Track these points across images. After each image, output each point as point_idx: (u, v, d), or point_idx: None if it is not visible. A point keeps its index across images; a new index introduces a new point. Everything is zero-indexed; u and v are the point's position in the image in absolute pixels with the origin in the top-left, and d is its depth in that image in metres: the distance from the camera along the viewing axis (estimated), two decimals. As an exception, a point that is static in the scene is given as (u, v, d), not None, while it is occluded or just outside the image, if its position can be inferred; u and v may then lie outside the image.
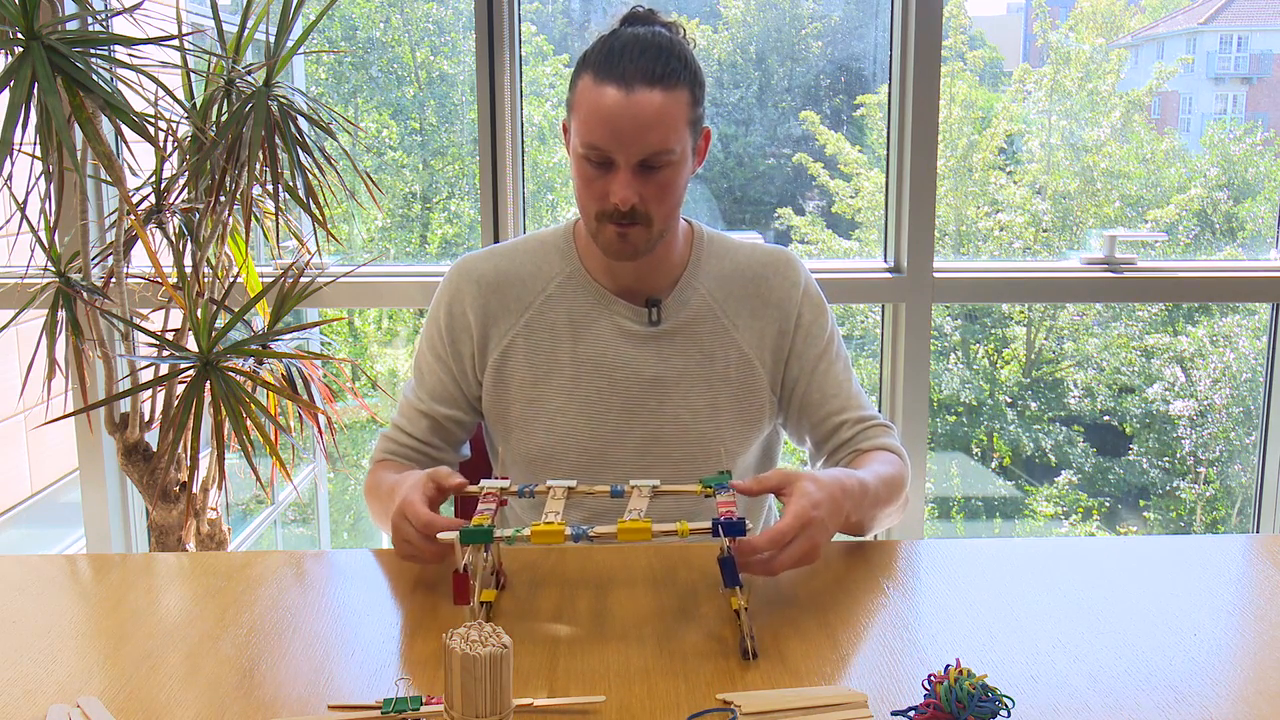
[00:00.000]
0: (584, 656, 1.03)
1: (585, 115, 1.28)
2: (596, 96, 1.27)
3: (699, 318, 1.43)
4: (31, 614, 1.14)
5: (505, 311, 1.44)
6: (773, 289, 1.46)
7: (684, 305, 1.43)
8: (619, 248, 1.34)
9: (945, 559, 1.29)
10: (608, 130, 1.27)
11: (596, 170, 1.30)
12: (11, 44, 1.81)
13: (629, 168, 1.28)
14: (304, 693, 0.98)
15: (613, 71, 1.27)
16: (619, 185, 1.28)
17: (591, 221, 1.34)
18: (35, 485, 2.90)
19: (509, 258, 1.47)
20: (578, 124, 1.30)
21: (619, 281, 1.43)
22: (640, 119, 1.26)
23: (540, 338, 1.42)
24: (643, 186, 1.29)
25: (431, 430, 1.47)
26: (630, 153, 1.27)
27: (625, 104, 1.26)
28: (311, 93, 3.06)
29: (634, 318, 1.42)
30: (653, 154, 1.28)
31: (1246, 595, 1.20)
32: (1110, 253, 2.52)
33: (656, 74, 1.27)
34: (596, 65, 1.29)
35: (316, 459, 3.19)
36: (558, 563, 1.27)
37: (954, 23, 5.15)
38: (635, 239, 1.33)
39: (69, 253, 2.11)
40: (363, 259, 2.57)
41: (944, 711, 0.90)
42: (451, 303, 1.46)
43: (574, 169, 1.34)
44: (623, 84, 1.26)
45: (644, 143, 1.27)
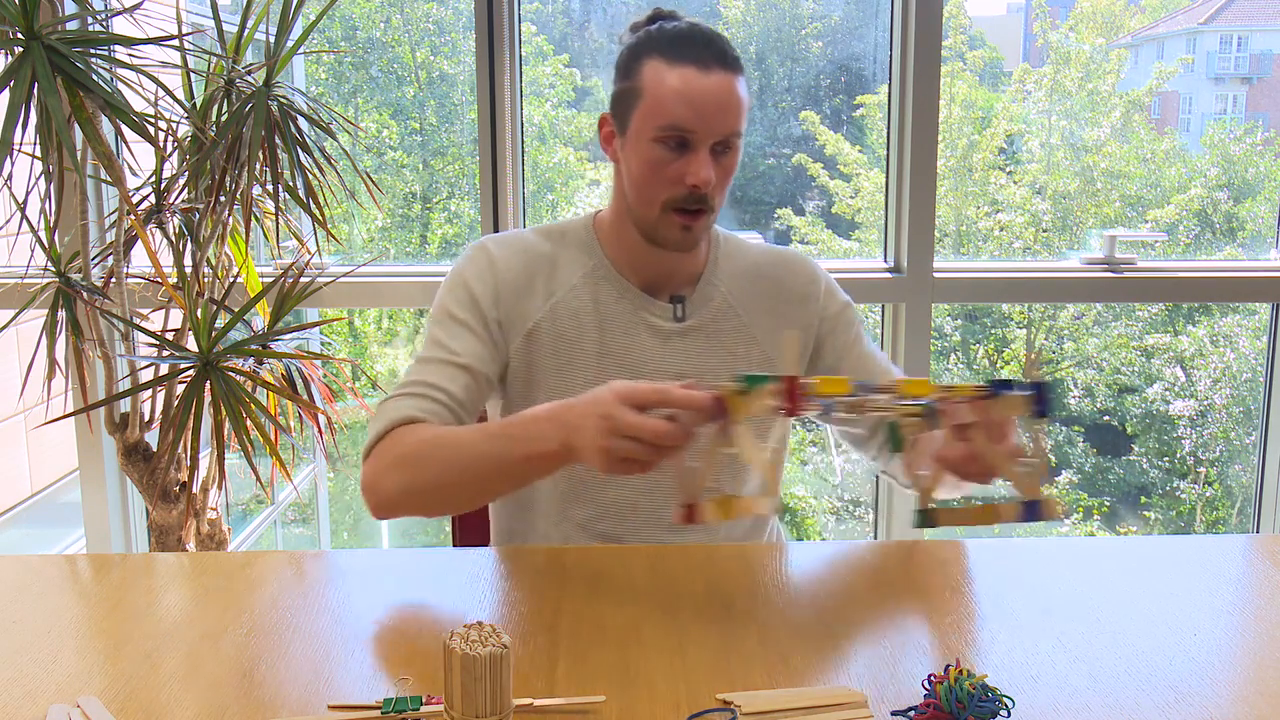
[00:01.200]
0: (584, 656, 1.03)
1: (664, 96, 1.27)
2: (677, 77, 1.27)
3: (721, 315, 1.42)
4: (31, 614, 1.14)
5: (533, 292, 1.39)
6: (789, 286, 1.46)
7: (707, 302, 1.42)
8: (681, 238, 1.33)
9: (945, 559, 1.29)
10: (691, 110, 1.26)
11: (670, 154, 1.29)
12: (11, 44, 1.81)
13: (706, 149, 1.28)
14: (304, 693, 0.98)
15: (686, 53, 1.27)
16: (700, 165, 1.28)
17: (654, 211, 1.32)
18: (35, 485, 2.90)
19: (535, 245, 1.43)
20: (650, 107, 1.28)
21: (643, 277, 1.41)
22: (720, 99, 1.27)
23: (566, 326, 1.39)
24: (714, 170, 1.30)
25: (468, 388, 1.33)
26: (711, 132, 1.27)
27: (707, 84, 1.26)
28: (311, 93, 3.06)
29: (659, 314, 1.40)
30: (729, 134, 1.29)
31: (1246, 595, 1.20)
32: (1110, 253, 2.52)
33: (728, 57, 1.29)
34: (665, 49, 1.29)
35: (316, 459, 3.19)
36: (557, 562, 1.27)
37: (954, 23, 5.15)
38: (698, 228, 1.33)
39: (69, 253, 2.11)
40: (363, 259, 2.57)
41: (944, 711, 0.90)
42: (485, 272, 1.39)
43: (639, 157, 1.31)
44: (700, 65, 1.27)
45: (724, 122, 1.28)
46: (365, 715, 0.93)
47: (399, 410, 1.29)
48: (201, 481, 2.17)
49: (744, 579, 1.21)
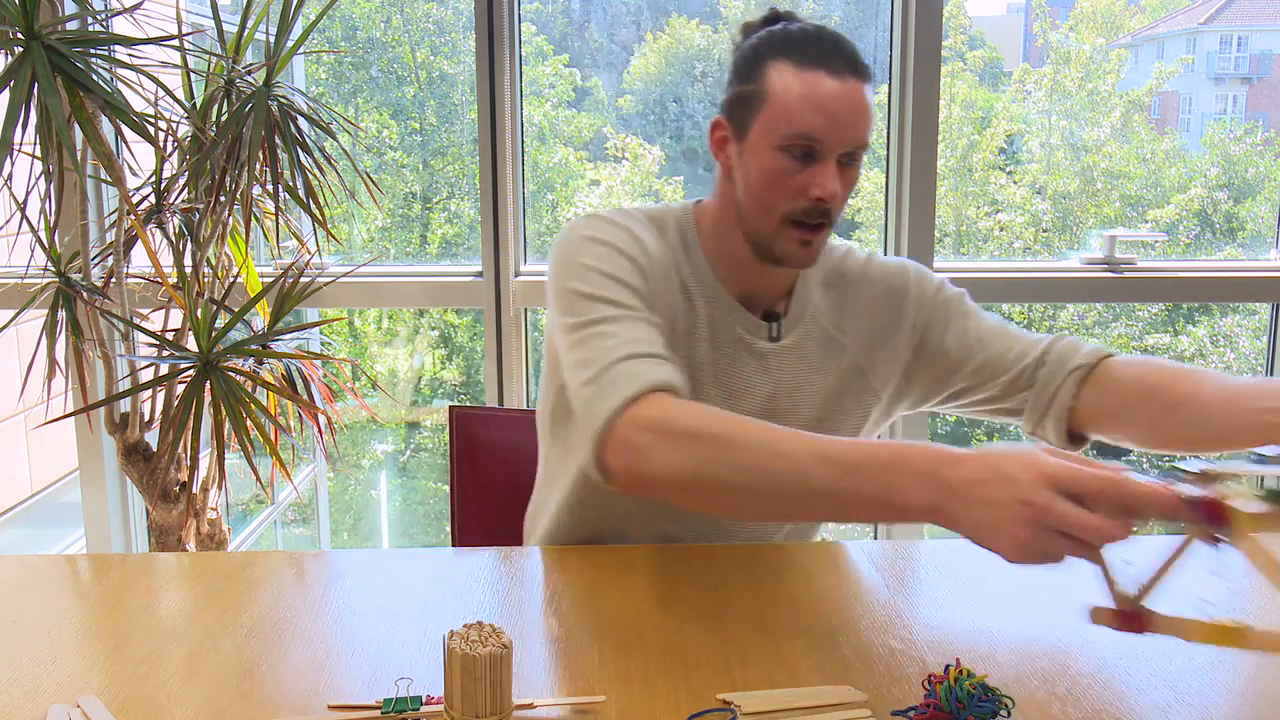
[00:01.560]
0: (584, 656, 1.03)
1: (792, 103, 1.19)
2: (808, 83, 1.19)
3: (810, 331, 1.35)
4: (31, 614, 1.14)
5: (668, 286, 1.28)
6: (880, 284, 1.38)
7: (800, 318, 1.35)
8: (800, 253, 1.25)
9: (945, 559, 1.29)
10: (824, 118, 1.19)
11: (795, 164, 1.21)
12: (11, 44, 1.81)
13: (833, 159, 1.21)
14: (304, 693, 0.98)
15: (817, 57, 1.20)
16: (827, 177, 1.20)
17: (772, 223, 1.24)
18: (35, 485, 2.90)
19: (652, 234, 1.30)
20: (776, 113, 1.20)
21: (741, 288, 1.32)
22: (854, 108, 1.20)
23: (682, 333, 1.30)
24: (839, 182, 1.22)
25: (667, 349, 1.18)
26: (842, 142, 1.20)
27: (841, 91, 1.19)
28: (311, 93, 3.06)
29: (757, 331, 1.32)
30: (858, 146, 1.21)
31: (1247, 595, 1.20)
32: (1110, 253, 2.52)
33: (860, 66, 1.21)
34: (793, 51, 1.21)
35: (316, 459, 3.19)
36: (558, 562, 1.27)
37: (954, 23, 5.15)
38: (818, 243, 1.25)
39: (69, 253, 2.11)
40: (363, 259, 2.58)
41: (944, 712, 0.90)
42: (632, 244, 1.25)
43: (760, 166, 1.22)
44: (833, 72, 1.19)
45: (856, 133, 1.20)
46: (365, 715, 0.93)
47: (651, 374, 1.10)
48: (201, 481, 2.17)
49: (744, 579, 1.21)
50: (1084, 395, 1.29)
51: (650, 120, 4.52)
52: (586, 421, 1.10)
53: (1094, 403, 1.29)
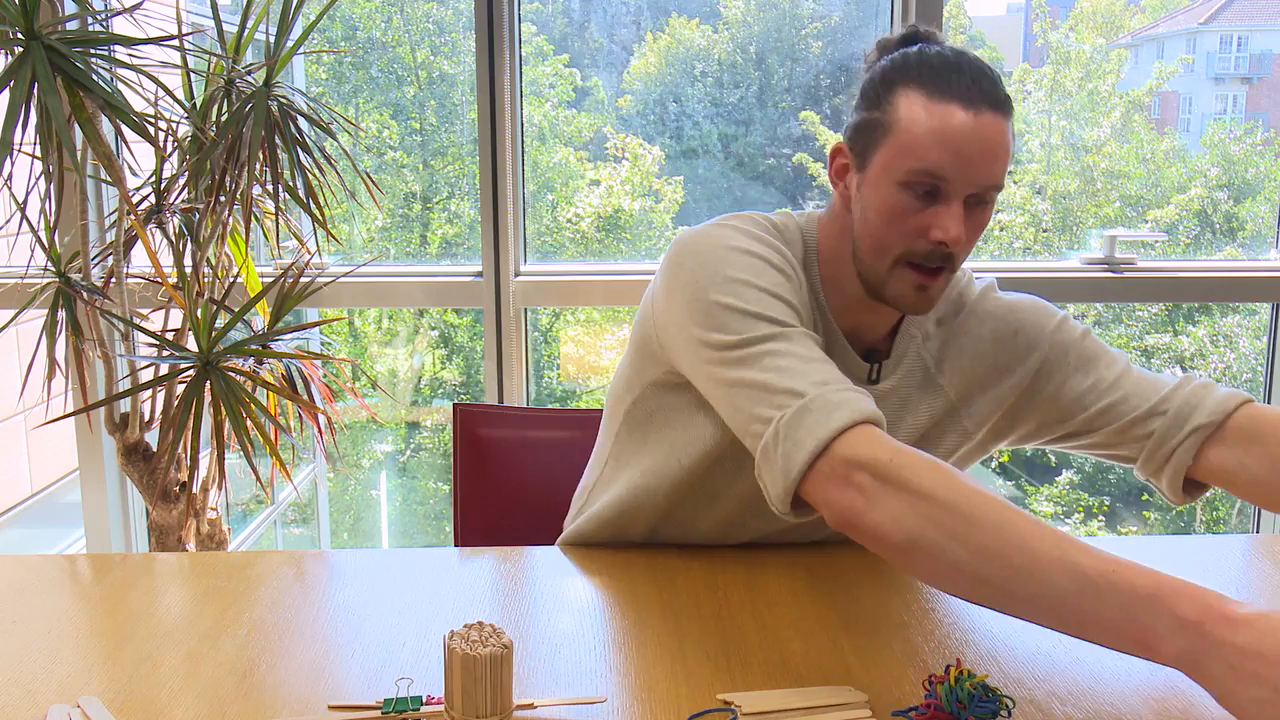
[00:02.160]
0: (584, 656, 1.03)
1: (919, 136, 1.10)
2: (939, 116, 1.09)
3: (912, 372, 1.27)
4: (31, 614, 1.14)
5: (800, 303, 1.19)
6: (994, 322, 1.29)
7: (901, 360, 1.27)
8: (915, 301, 1.16)
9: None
10: (951, 155, 1.09)
11: (917, 202, 1.12)
12: (11, 44, 1.81)
13: (960, 200, 1.11)
14: (304, 693, 0.98)
15: (952, 88, 1.10)
16: (951, 220, 1.10)
17: (886, 263, 1.15)
18: (35, 485, 2.90)
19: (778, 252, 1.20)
20: (902, 146, 1.11)
21: (849, 322, 1.24)
22: (987, 146, 1.10)
23: None
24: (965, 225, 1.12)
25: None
26: (971, 183, 1.10)
27: (974, 127, 1.09)
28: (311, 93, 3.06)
29: (857, 371, 1.24)
30: (988, 187, 1.12)
31: (1246, 595, 1.20)
32: (1110, 253, 2.52)
33: (1000, 99, 1.11)
34: (927, 80, 1.11)
35: (316, 459, 3.19)
36: (557, 562, 1.27)
37: (954, 23, 5.15)
38: (935, 291, 1.15)
39: (69, 253, 2.11)
40: (363, 259, 2.58)
41: (944, 712, 0.90)
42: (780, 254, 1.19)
43: (880, 200, 1.13)
44: (969, 105, 1.10)
45: (988, 173, 1.11)
46: (365, 715, 0.93)
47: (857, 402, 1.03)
48: (201, 481, 2.17)
49: (744, 579, 1.21)
50: (1209, 453, 1.20)
51: (650, 120, 4.53)
52: (787, 450, 1.02)
53: (1222, 459, 1.20)
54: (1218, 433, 1.19)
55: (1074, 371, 1.27)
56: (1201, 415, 1.19)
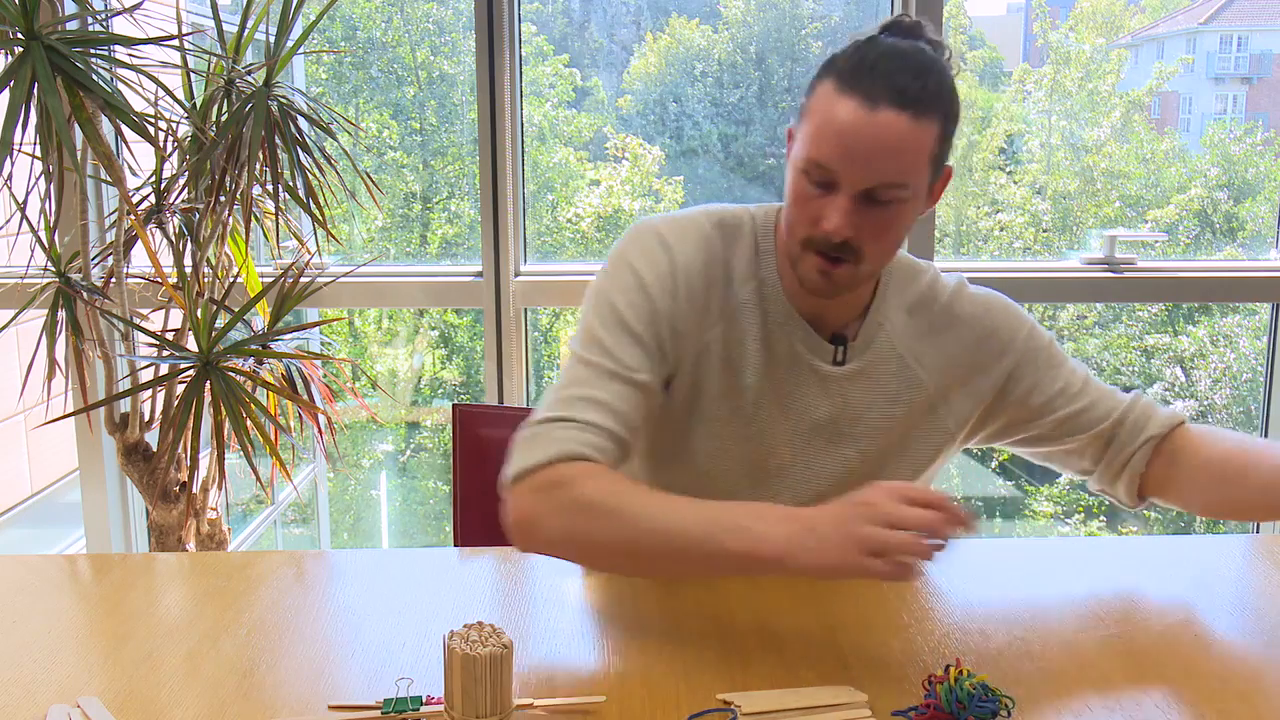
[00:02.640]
0: (584, 657, 1.03)
1: (816, 126, 1.12)
2: (834, 108, 1.11)
3: (884, 358, 1.28)
4: (31, 614, 1.14)
5: (709, 307, 1.24)
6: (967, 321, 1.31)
7: (870, 344, 1.28)
8: (818, 283, 1.18)
9: (945, 559, 1.29)
10: (838, 149, 1.10)
11: (814, 190, 1.14)
12: (11, 44, 1.81)
13: (851, 195, 1.12)
14: (304, 693, 0.98)
15: (860, 83, 1.10)
16: (835, 212, 1.12)
17: (796, 246, 1.18)
18: (35, 485, 2.90)
19: (713, 244, 1.25)
20: (805, 134, 1.14)
21: (808, 306, 1.26)
22: (878, 143, 1.10)
23: (733, 350, 1.25)
24: (862, 219, 1.13)
25: (639, 407, 1.19)
26: (857, 179, 1.11)
27: (866, 124, 1.09)
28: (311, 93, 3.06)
29: (820, 353, 1.26)
30: (881, 185, 1.11)
31: (1246, 595, 1.20)
32: (1110, 253, 2.52)
33: (909, 96, 1.10)
34: (843, 73, 1.12)
35: (316, 459, 3.19)
36: (557, 562, 1.27)
37: (954, 23, 5.15)
38: (839, 278, 1.17)
39: (69, 253, 2.11)
40: (363, 259, 2.58)
41: (944, 712, 0.90)
42: (672, 275, 1.22)
43: (790, 184, 1.17)
44: (868, 101, 1.09)
45: (875, 170, 1.11)
46: (365, 716, 0.93)
47: (569, 443, 1.13)
48: (201, 481, 2.17)
49: (744, 579, 1.21)
50: (1155, 463, 1.30)
51: (650, 120, 4.53)
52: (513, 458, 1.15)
53: (1163, 472, 1.29)
54: (1163, 445, 1.30)
55: (1043, 377, 1.31)
56: (1153, 426, 1.30)
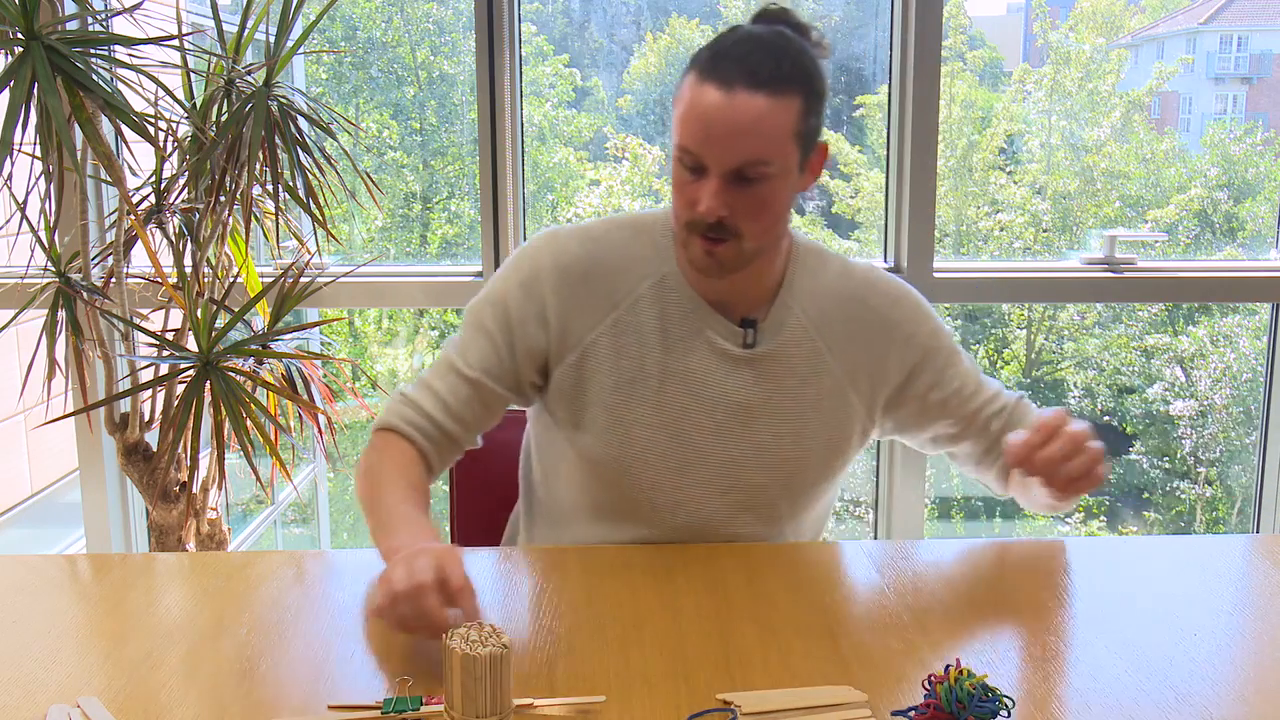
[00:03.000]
0: (584, 656, 1.03)
1: (681, 114, 1.20)
2: (695, 95, 1.18)
3: (794, 341, 1.33)
4: (31, 614, 1.14)
5: (592, 307, 1.31)
6: (876, 311, 1.36)
7: (780, 327, 1.33)
8: (705, 262, 1.24)
9: (945, 559, 1.29)
10: (700, 133, 1.18)
11: (689, 175, 1.21)
12: (11, 44, 1.81)
13: (720, 177, 1.18)
14: (304, 693, 0.98)
15: (716, 70, 1.17)
16: (707, 194, 1.19)
17: (681, 229, 1.25)
18: (35, 485, 2.90)
19: (603, 244, 1.33)
20: (675, 123, 1.21)
21: (715, 291, 1.31)
22: (736, 125, 1.16)
23: (627, 341, 1.31)
24: (734, 198, 1.19)
25: (470, 402, 1.32)
26: (721, 160, 1.18)
27: (722, 106, 1.16)
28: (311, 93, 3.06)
29: (728, 336, 1.31)
30: (745, 164, 1.18)
31: (1246, 595, 1.20)
32: (1110, 253, 2.52)
33: (763, 77, 1.16)
34: (703, 62, 1.19)
35: (316, 459, 3.19)
36: (558, 562, 1.27)
37: (954, 23, 5.14)
38: (723, 256, 1.23)
39: (69, 253, 2.11)
40: (363, 259, 2.58)
41: (944, 711, 0.90)
42: (529, 282, 1.32)
43: (671, 173, 1.24)
44: (723, 84, 1.16)
45: (736, 150, 1.17)
46: (365, 715, 0.93)
47: (394, 416, 1.33)
48: (201, 481, 2.17)
49: (744, 579, 1.21)
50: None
51: (650, 120, 4.53)
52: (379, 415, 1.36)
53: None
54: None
55: (944, 375, 1.37)
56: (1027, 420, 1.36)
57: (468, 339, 1.34)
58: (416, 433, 1.32)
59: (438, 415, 1.32)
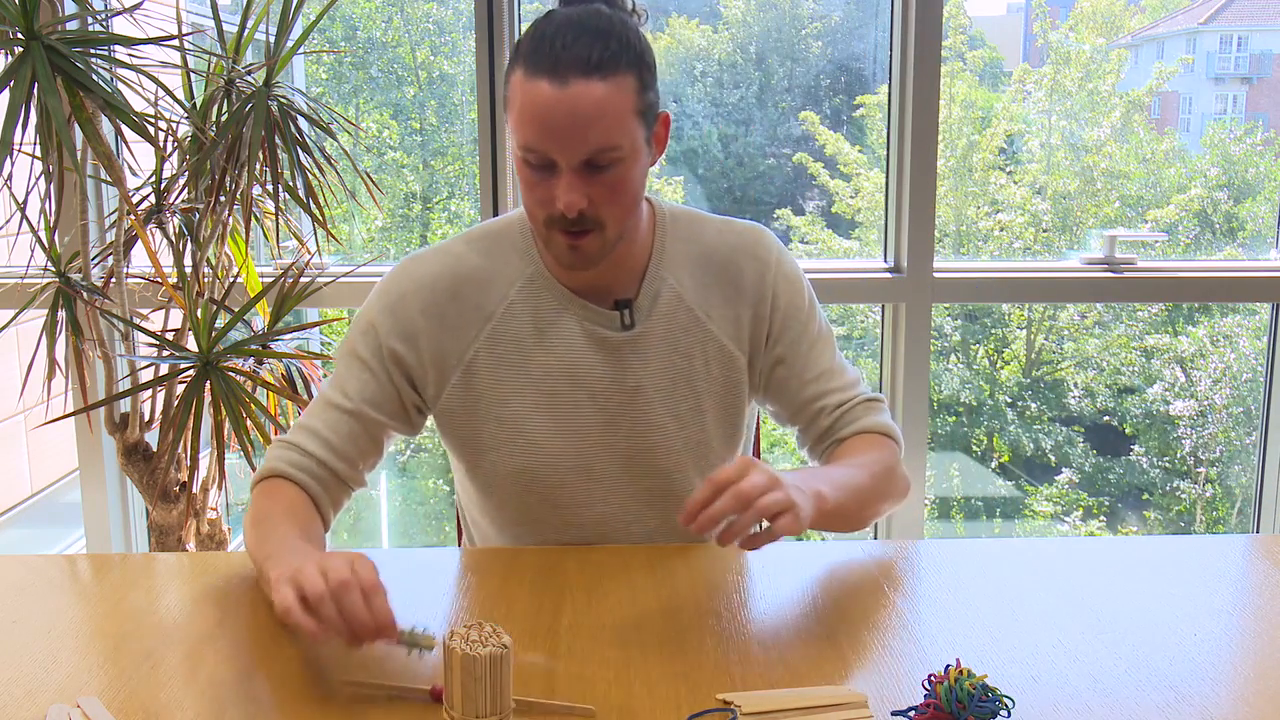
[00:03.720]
0: (584, 656, 1.03)
1: (518, 114, 1.16)
2: (528, 93, 1.14)
3: (672, 313, 1.31)
4: (31, 614, 1.14)
5: (464, 322, 1.29)
6: (744, 271, 1.34)
7: (655, 302, 1.31)
8: (572, 258, 1.22)
9: (945, 559, 1.29)
10: (542, 130, 1.14)
11: (538, 174, 1.18)
12: (11, 44, 1.81)
13: (572, 170, 1.16)
14: (304, 693, 0.98)
15: (543, 63, 1.13)
16: (563, 190, 1.16)
17: (541, 228, 1.22)
18: (35, 485, 2.90)
19: (465, 259, 1.31)
20: (512, 124, 1.17)
21: (584, 281, 1.29)
22: (578, 115, 1.13)
23: (505, 350, 1.30)
24: (590, 188, 1.17)
25: (354, 435, 1.28)
26: (571, 154, 1.15)
27: (560, 99, 1.12)
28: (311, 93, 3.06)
29: (604, 323, 1.30)
30: (596, 152, 1.15)
31: (1246, 595, 1.20)
32: (1110, 253, 2.52)
33: (593, 62, 1.12)
34: (526, 56, 1.15)
35: (316, 459, 3.18)
36: (557, 562, 1.27)
37: (954, 23, 5.14)
38: (588, 248, 1.21)
39: (69, 253, 2.11)
40: (363, 259, 2.58)
41: (944, 711, 0.90)
42: (396, 306, 1.29)
43: (518, 175, 1.21)
44: (554, 77, 1.12)
45: (584, 141, 1.14)
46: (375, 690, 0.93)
47: (275, 462, 1.27)
48: (201, 481, 2.17)
49: (744, 579, 1.21)
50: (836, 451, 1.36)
51: (650, 120, 4.51)
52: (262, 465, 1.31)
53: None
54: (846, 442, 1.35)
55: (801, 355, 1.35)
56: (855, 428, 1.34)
57: (342, 374, 1.31)
58: (302, 473, 1.26)
59: (321, 454, 1.26)
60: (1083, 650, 1.05)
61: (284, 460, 1.26)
